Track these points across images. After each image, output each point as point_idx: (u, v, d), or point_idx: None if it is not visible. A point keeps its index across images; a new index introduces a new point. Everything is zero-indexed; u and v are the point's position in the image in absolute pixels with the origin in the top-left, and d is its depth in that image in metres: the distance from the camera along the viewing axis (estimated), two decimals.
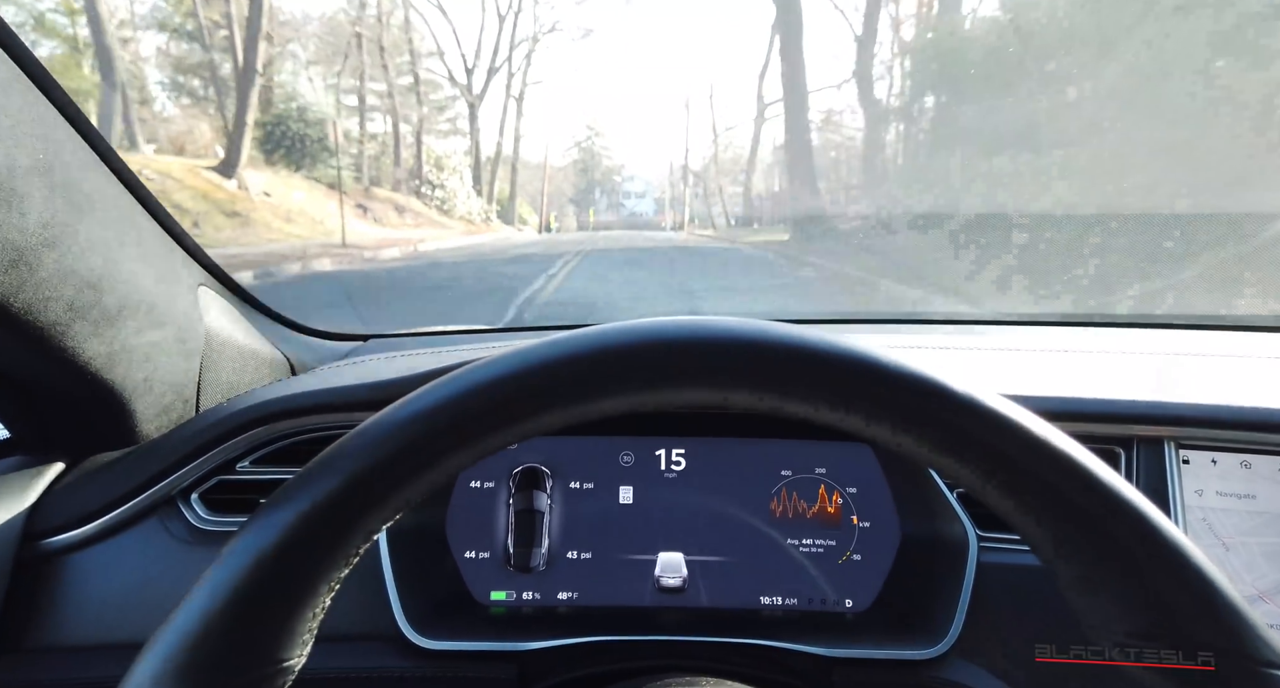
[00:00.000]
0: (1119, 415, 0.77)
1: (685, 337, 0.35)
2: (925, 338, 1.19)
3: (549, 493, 0.82)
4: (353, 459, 0.34)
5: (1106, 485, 0.33)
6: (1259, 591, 0.74)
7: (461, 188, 28.86)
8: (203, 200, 13.79)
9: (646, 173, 70.94)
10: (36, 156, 0.60)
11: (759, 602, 0.81)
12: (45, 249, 0.60)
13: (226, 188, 14.87)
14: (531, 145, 66.24)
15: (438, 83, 34.22)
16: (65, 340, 0.66)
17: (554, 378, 0.35)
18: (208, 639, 0.31)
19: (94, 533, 0.75)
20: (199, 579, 0.33)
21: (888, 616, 0.79)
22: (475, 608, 0.80)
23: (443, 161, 28.35)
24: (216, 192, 14.46)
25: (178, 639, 0.31)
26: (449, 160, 28.92)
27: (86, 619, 0.73)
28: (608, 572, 0.81)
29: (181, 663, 0.31)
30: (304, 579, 0.33)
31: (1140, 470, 0.77)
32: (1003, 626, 0.73)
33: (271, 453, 0.80)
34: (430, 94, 34.45)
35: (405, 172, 26.97)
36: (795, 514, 0.82)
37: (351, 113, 26.34)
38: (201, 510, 0.79)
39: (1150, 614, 0.32)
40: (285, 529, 0.33)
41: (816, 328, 0.36)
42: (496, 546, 0.82)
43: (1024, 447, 0.34)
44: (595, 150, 60.30)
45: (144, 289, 0.74)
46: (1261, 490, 0.75)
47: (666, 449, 0.84)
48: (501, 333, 1.29)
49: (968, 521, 0.75)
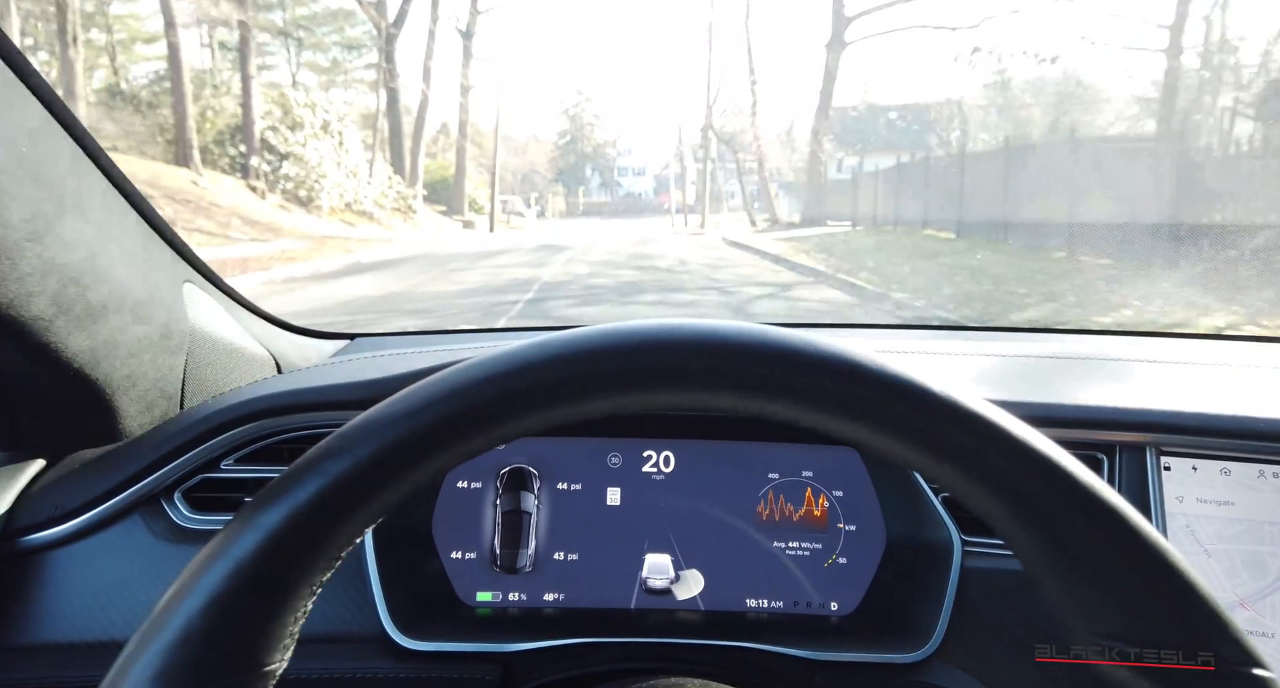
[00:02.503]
0: (1102, 422, 0.78)
1: (669, 339, 0.35)
2: (913, 343, 1.20)
3: (536, 494, 0.82)
4: (336, 461, 0.34)
5: (1090, 491, 0.33)
6: (1239, 597, 0.74)
7: (338, 160, 17.76)
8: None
9: (645, 147, 61.40)
10: (19, 150, 0.60)
11: (745, 604, 0.81)
12: (28, 244, 0.60)
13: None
14: (511, 119, 52.35)
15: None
16: (48, 336, 0.65)
17: (539, 379, 0.35)
18: (188, 643, 0.31)
19: (75, 530, 0.74)
20: (178, 580, 0.33)
21: (872, 619, 0.79)
22: (461, 609, 0.80)
23: (298, 118, 17.09)
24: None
25: (157, 642, 0.31)
26: (312, 114, 17.42)
27: (66, 618, 0.72)
28: (594, 573, 0.81)
29: (161, 666, 0.31)
30: (286, 583, 0.33)
31: (1123, 477, 0.78)
32: (987, 630, 0.73)
33: (256, 451, 0.80)
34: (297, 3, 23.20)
35: (225, 132, 16.37)
36: (782, 517, 0.82)
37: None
38: (185, 509, 0.78)
39: (1131, 617, 0.33)
40: (268, 532, 0.32)
41: (804, 332, 0.37)
42: (483, 546, 0.81)
43: (1008, 452, 0.34)
44: (585, 120, 50.18)
45: (128, 285, 0.74)
46: (1240, 497, 0.76)
47: (655, 451, 0.84)
48: (488, 333, 1.29)
49: (952, 525, 0.75)
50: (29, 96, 0.63)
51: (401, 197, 21.54)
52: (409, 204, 21.73)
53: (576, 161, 50.07)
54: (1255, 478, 0.76)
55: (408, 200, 21.74)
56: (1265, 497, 0.76)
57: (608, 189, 52.28)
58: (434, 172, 27.67)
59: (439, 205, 25.84)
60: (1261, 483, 0.76)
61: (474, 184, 27.68)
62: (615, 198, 51.53)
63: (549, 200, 44.88)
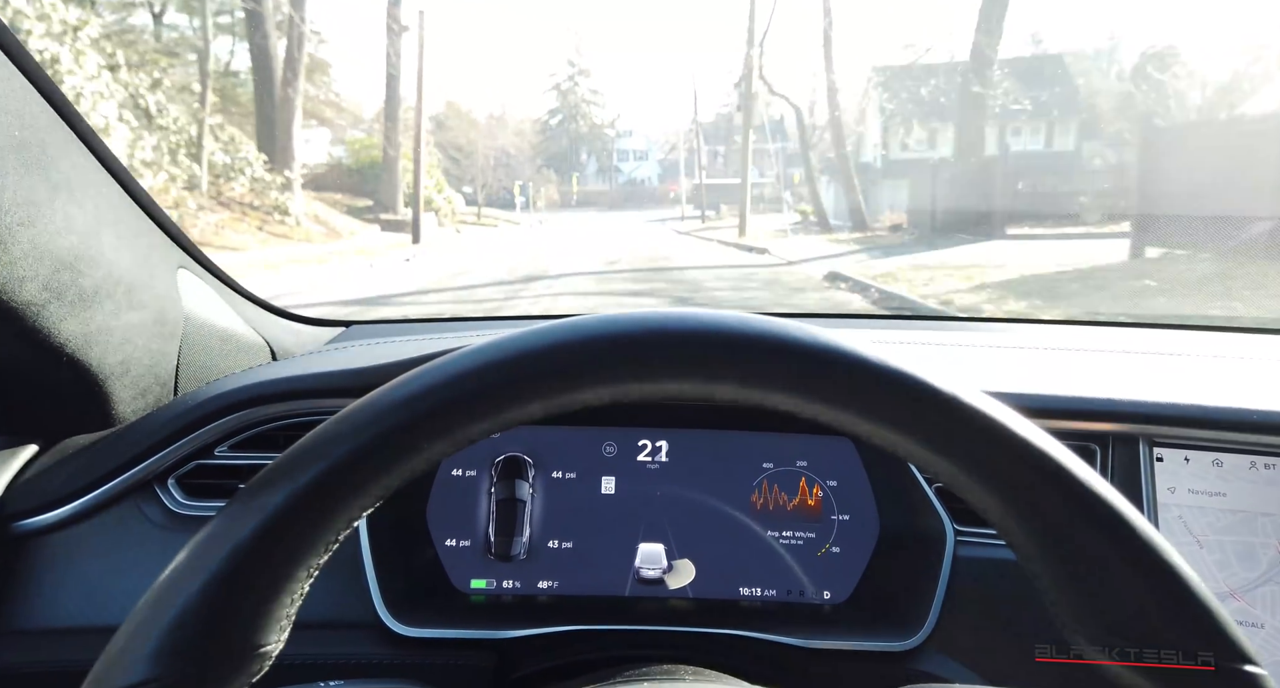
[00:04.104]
0: (1095, 413, 0.78)
1: (670, 328, 0.35)
2: (910, 334, 1.20)
3: (531, 482, 0.82)
4: (337, 444, 0.34)
5: (1085, 484, 0.33)
6: (1230, 588, 0.75)
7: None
8: None
9: (649, 128, 52.81)
10: (12, 134, 0.59)
11: (738, 593, 0.81)
12: (20, 228, 0.59)
13: None
14: (482, 92, 40.75)
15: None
16: (40, 321, 0.65)
17: (541, 366, 0.35)
18: (185, 623, 0.31)
19: (68, 516, 0.74)
20: (177, 559, 0.33)
21: (865, 607, 0.80)
22: (455, 596, 0.80)
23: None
24: None
25: (154, 621, 0.31)
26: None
27: (59, 603, 0.72)
28: (589, 561, 0.82)
29: (156, 646, 0.31)
30: (284, 564, 0.33)
31: (1115, 468, 0.78)
32: (979, 618, 0.74)
33: (250, 438, 0.80)
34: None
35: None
36: (776, 506, 0.83)
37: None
38: (178, 495, 0.78)
39: (1125, 613, 0.33)
40: (267, 513, 0.33)
41: (804, 322, 0.36)
42: (477, 534, 0.82)
43: (1003, 444, 0.34)
44: (580, 96, 43.76)
45: (122, 270, 0.73)
46: (1232, 488, 0.76)
47: (649, 440, 0.84)
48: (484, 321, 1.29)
49: (945, 515, 0.76)
50: (22, 80, 0.62)
51: (262, 185, 13.91)
52: (280, 202, 14.12)
53: (570, 145, 43.57)
54: (1247, 469, 0.77)
55: (272, 192, 14.00)
56: (1258, 488, 0.76)
57: (605, 176, 45.79)
58: (364, 153, 20.28)
59: (363, 199, 18.33)
60: (1254, 474, 0.76)
61: (435, 173, 19.42)
62: (614, 186, 45.31)
63: (539, 191, 37.09)
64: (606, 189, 44.68)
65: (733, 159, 35.87)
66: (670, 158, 42.62)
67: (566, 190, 41.05)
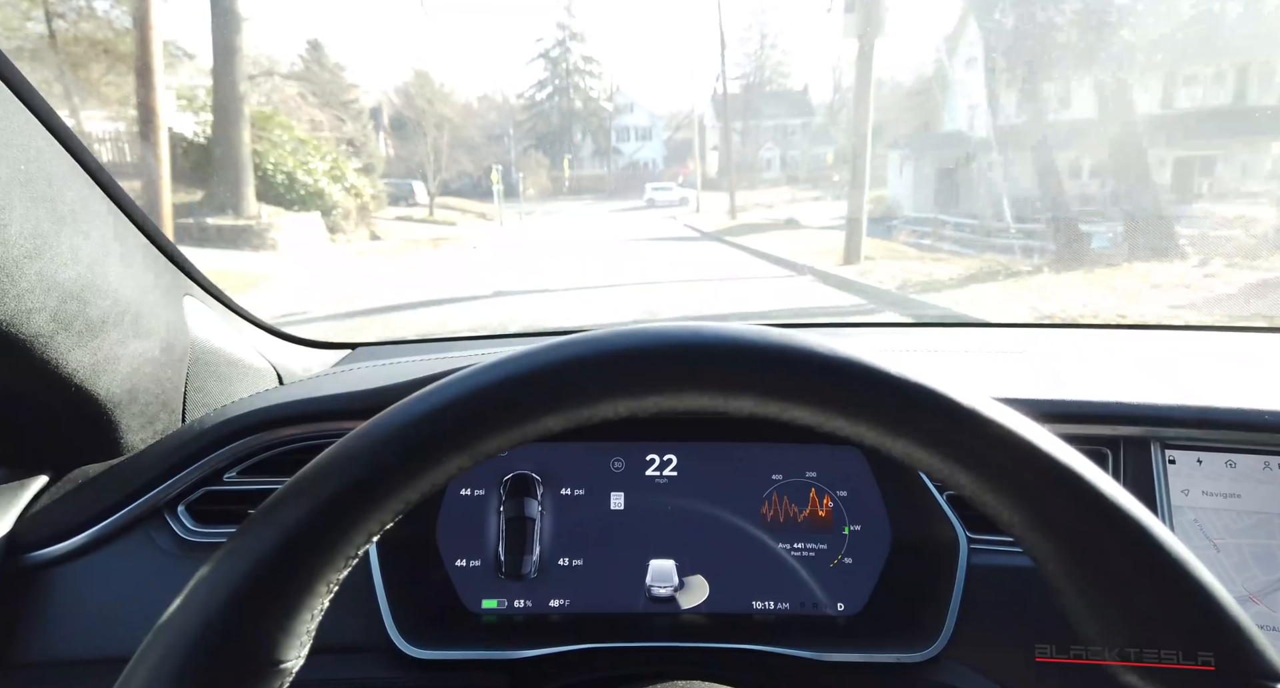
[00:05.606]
0: (1106, 416, 0.78)
1: (685, 342, 0.35)
2: (917, 340, 1.19)
3: (540, 500, 0.82)
4: (357, 459, 0.34)
5: (1102, 493, 0.33)
6: (1249, 592, 0.74)
7: None
8: None
9: (653, 102, 43.42)
10: (18, 167, 0.60)
11: (751, 607, 0.81)
12: (27, 261, 0.60)
13: None
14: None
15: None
16: (48, 352, 0.65)
17: (561, 381, 0.35)
18: (207, 638, 0.31)
19: (80, 546, 0.74)
20: (198, 574, 0.33)
21: (879, 619, 0.79)
22: (466, 617, 0.80)
23: None
24: None
25: (176, 637, 0.31)
26: None
27: (73, 634, 0.72)
28: (600, 578, 0.81)
29: (180, 662, 0.31)
30: (304, 578, 0.33)
31: (1127, 471, 0.77)
32: (994, 627, 0.73)
33: (259, 463, 0.80)
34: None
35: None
36: (786, 518, 0.82)
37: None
38: (189, 522, 0.78)
39: (1146, 620, 0.32)
40: (288, 527, 0.33)
41: (813, 332, 0.36)
42: (487, 553, 0.81)
43: (1019, 452, 0.34)
44: (572, 64, 36.68)
45: (128, 299, 0.74)
46: (1246, 490, 0.76)
47: (658, 454, 0.83)
48: (490, 340, 1.29)
49: (958, 523, 0.75)
50: (27, 113, 0.63)
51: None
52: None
53: (561, 123, 36.28)
54: (1261, 470, 0.76)
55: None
56: (1273, 489, 0.75)
57: (603, 158, 38.07)
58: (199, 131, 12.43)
59: (195, 191, 11.73)
60: (1268, 475, 0.76)
61: (326, 155, 13.49)
62: (614, 170, 37.55)
63: (526, 177, 29.59)
64: (604, 173, 37.41)
65: (750, 137, 30.57)
66: (678, 137, 36.23)
67: (558, 175, 34.25)
